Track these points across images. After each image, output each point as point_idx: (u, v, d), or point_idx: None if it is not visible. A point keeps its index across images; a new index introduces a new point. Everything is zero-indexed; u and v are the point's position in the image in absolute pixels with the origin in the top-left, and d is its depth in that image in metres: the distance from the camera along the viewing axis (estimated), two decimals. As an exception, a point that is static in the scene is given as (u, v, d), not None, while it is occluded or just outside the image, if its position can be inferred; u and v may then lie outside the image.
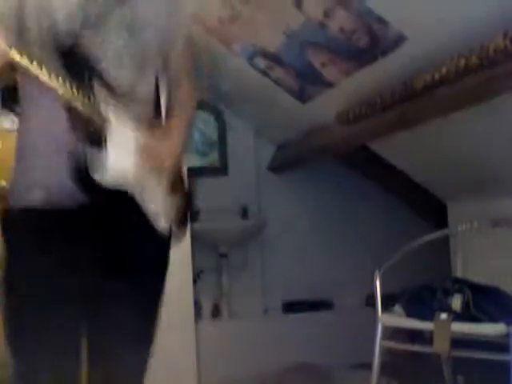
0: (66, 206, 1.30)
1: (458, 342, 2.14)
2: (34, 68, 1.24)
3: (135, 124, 1.38)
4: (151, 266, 1.41)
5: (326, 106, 3.07)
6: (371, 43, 2.46)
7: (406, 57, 2.41)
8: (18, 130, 1.45)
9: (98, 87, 1.32)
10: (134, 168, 1.34)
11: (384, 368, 2.40)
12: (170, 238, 1.43)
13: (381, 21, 2.32)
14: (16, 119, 3.10)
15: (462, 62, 2.11)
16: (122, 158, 1.33)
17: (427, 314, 2.22)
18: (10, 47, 1.22)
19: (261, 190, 3.98)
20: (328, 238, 4.00)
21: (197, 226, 3.44)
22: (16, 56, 1.23)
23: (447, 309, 2.19)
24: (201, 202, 3.65)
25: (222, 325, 3.67)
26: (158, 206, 1.38)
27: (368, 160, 3.76)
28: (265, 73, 3.14)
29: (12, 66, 1.27)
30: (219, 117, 3.92)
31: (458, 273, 2.73)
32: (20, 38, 1.31)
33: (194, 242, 3.31)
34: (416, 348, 2.50)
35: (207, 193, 3.66)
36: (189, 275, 3.26)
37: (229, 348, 3.50)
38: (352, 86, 2.81)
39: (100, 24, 1.36)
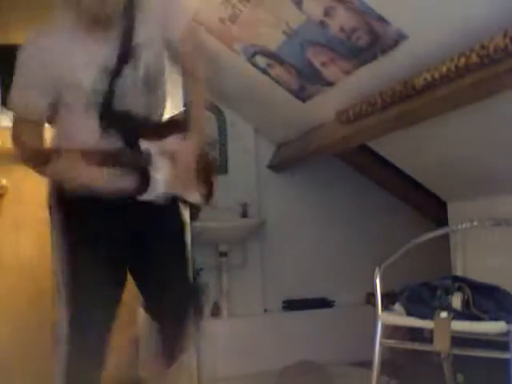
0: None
1: (458, 340, 2.14)
2: None
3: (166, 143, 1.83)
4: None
5: (326, 105, 3.07)
6: (371, 42, 2.46)
7: (406, 56, 2.42)
8: None
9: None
10: (171, 184, 1.81)
11: (384, 366, 2.40)
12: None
13: (381, 19, 2.33)
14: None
15: (463, 60, 2.11)
16: (161, 182, 1.79)
17: (427, 313, 2.22)
18: None
19: (261, 189, 3.98)
20: (328, 237, 4.01)
21: (196, 224, 3.44)
22: None
23: (447, 307, 2.19)
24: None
25: (221, 323, 3.67)
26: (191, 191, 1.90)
27: (368, 159, 3.76)
28: (265, 71, 3.15)
29: None
30: (219, 115, 3.93)
31: (458, 271, 2.73)
32: None
33: (193, 240, 3.31)
34: (416, 346, 2.51)
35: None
36: (189, 274, 3.26)
37: (229, 347, 3.50)
38: (352, 84, 2.82)
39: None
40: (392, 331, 2.56)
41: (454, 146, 2.87)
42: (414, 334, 2.61)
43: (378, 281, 2.48)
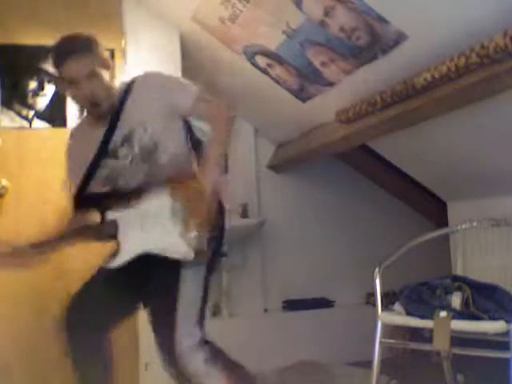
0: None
1: (458, 339, 2.14)
2: None
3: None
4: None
5: (326, 105, 3.07)
6: (371, 42, 2.47)
7: (407, 55, 2.42)
8: None
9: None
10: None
11: (384, 366, 2.41)
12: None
13: (381, 19, 2.33)
14: (15, 117, 3.11)
15: (463, 60, 2.11)
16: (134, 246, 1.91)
17: (427, 312, 2.23)
18: None
19: (261, 189, 3.98)
20: (328, 237, 4.01)
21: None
22: None
23: (447, 307, 2.19)
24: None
25: (222, 324, 3.66)
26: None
27: (368, 159, 3.77)
28: (265, 71, 3.15)
29: None
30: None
31: (458, 271, 2.73)
32: None
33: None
34: (416, 346, 2.51)
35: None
36: (189, 274, 3.26)
37: (229, 347, 3.49)
38: (352, 84, 2.82)
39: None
40: (392, 331, 2.57)
41: (454, 145, 2.87)
42: (414, 333, 2.61)
43: (377, 281, 2.49)
